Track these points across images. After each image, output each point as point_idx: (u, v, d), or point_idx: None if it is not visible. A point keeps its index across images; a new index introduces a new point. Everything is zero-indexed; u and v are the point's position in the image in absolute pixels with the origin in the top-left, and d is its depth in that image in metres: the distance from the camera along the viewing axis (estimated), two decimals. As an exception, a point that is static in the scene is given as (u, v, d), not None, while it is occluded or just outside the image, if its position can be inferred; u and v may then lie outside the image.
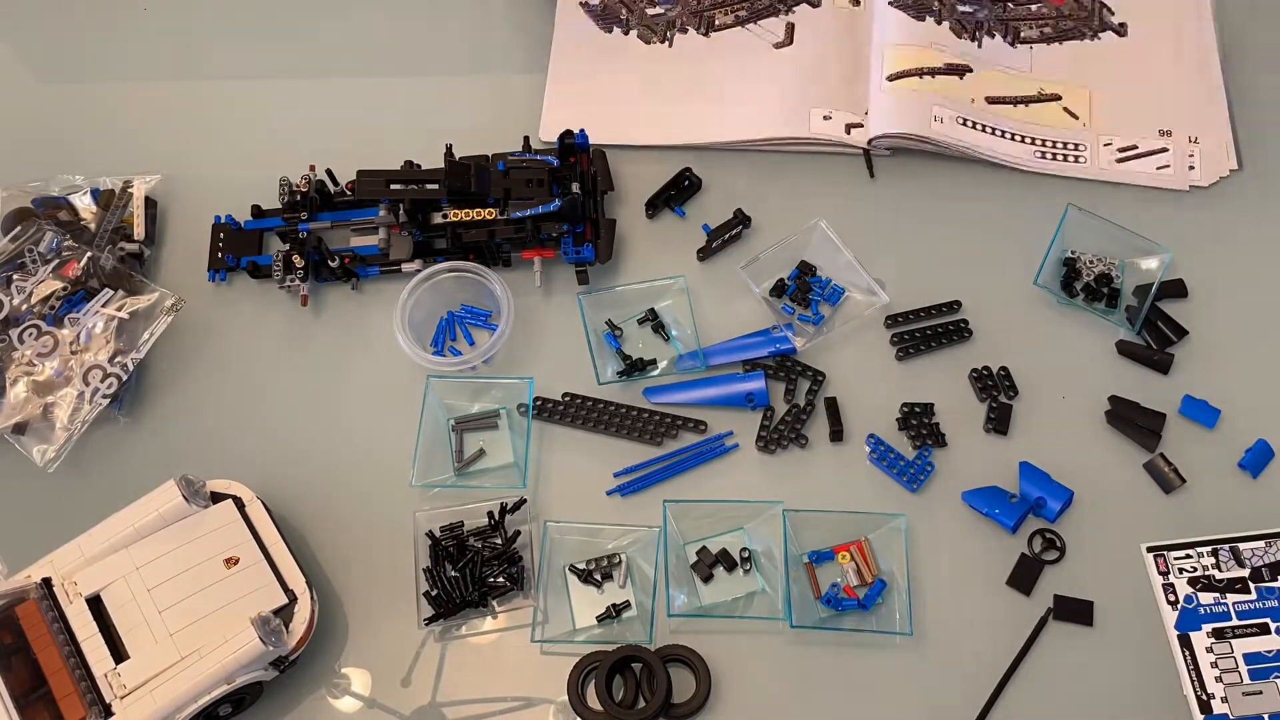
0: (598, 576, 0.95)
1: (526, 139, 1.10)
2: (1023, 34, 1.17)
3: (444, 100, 1.17)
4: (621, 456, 1.00)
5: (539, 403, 1.02)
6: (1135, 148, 1.11)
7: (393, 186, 1.04)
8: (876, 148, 1.11)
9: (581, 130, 1.09)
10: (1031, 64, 1.16)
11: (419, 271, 1.06)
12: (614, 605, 0.95)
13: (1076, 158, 1.11)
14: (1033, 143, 1.11)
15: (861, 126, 1.10)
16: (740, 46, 1.18)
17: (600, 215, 1.07)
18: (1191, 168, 1.10)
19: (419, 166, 1.08)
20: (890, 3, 1.16)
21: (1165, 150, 1.11)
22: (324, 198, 1.10)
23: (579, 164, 1.08)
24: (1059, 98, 1.14)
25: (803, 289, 1.05)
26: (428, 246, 1.08)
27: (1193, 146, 1.10)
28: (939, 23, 1.16)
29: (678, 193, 1.10)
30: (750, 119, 1.13)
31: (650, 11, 1.19)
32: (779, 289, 1.05)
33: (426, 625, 0.93)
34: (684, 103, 1.15)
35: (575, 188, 1.04)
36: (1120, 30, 1.17)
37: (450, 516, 0.97)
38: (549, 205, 1.02)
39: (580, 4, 1.20)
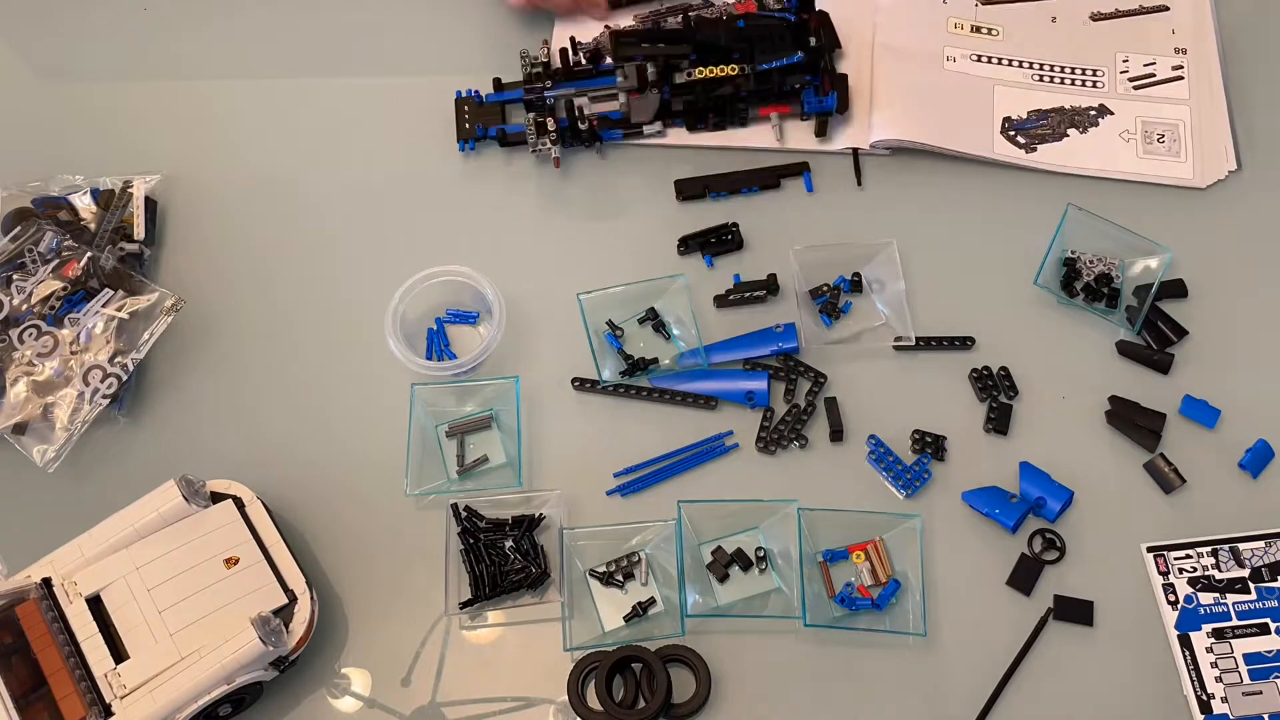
0: (619, 578, 0.95)
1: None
2: None
3: (446, 99, 1.16)
4: (617, 457, 1.00)
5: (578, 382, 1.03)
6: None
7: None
8: (876, 149, 1.11)
9: None
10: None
11: (661, 133, 1.12)
12: (639, 604, 0.94)
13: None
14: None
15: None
16: None
17: (833, 70, 1.11)
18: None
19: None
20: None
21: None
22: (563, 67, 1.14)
23: (810, 21, 1.11)
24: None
25: (835, 299, 1.04)
26: (666, 109, 1.12)
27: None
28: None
29: (717, 242, 1.08)
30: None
31: None
32: (817, 290, 1.05)
33: (461, 609, 0.93)
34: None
35: (813, 40, 1.08)
36: None
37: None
38: (793, 57, 1.07)
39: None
